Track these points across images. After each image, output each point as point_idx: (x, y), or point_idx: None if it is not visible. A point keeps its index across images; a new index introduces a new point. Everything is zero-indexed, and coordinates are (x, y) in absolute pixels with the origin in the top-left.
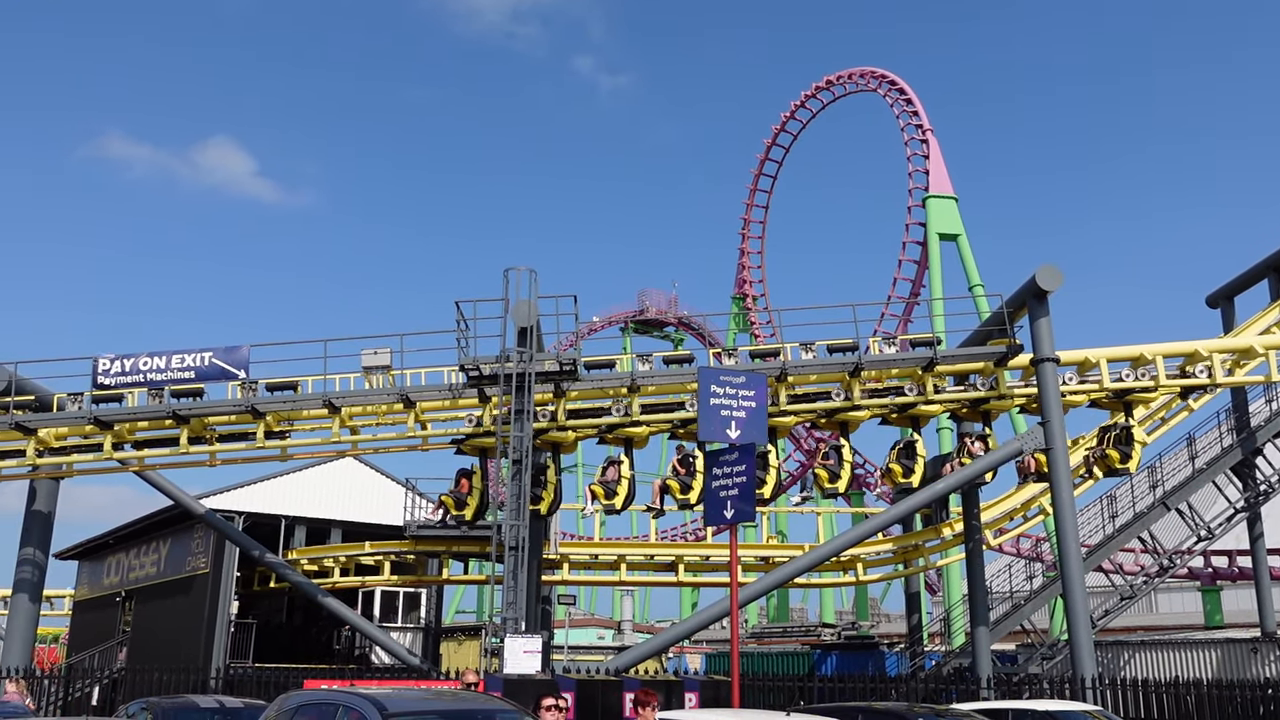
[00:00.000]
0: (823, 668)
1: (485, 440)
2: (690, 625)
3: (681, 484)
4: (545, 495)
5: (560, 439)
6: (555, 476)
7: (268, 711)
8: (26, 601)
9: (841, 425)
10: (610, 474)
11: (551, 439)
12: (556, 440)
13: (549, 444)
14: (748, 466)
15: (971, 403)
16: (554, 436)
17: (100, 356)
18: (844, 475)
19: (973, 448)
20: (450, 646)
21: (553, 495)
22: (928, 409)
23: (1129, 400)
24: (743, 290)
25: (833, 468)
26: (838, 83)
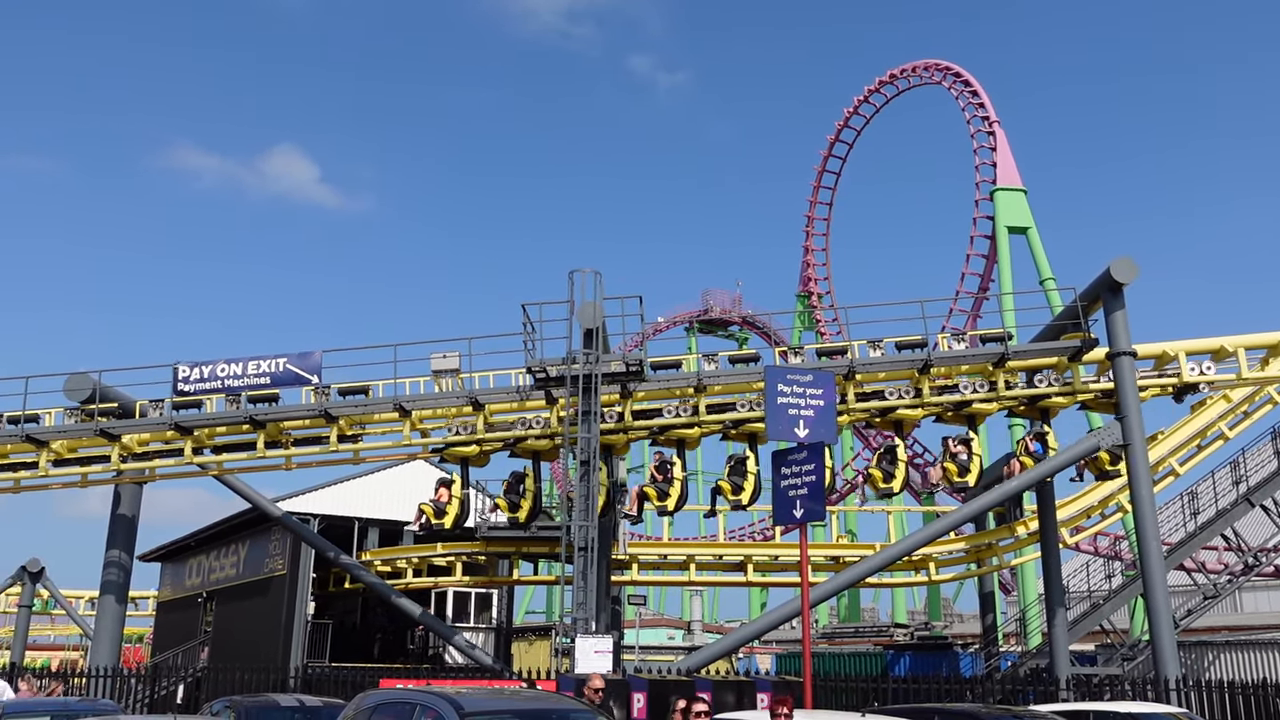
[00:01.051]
0: (896, 668)
1: (539, 443)
2: (760, 625)
3: (659, 490)
4: (672, 493)
5: (613, 441)
6: (608, 479)
7: (346, 710)
8: (113, 602)
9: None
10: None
11: (605, 441)
12: (609, 443)
13: (602, 446)
14: (817, 466)
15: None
16: (607, 439)
17: (180, 364)
18: (898, 475)
19: (954, 449)
20: (521, 646)
21: (605, 497)
22: (984, 407)
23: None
24: (808, 288)
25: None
26: (901, 76)
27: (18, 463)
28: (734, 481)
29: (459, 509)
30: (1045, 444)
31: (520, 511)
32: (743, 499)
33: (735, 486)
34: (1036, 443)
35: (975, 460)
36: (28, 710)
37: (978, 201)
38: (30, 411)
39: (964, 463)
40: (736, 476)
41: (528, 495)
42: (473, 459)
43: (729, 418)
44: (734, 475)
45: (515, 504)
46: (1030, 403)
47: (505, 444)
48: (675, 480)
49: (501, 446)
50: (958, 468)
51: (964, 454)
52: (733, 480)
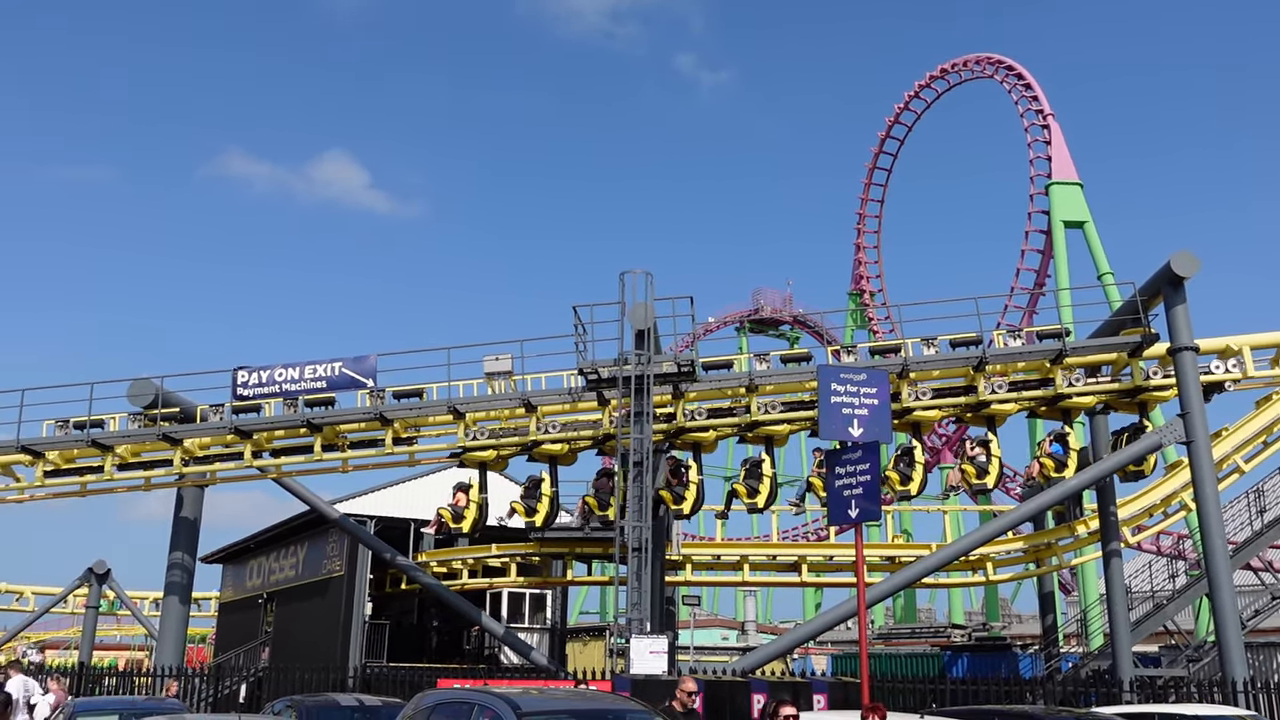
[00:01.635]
0: (953, 670)
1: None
2: (815, 626)
3: (675, 494)
4: (688, 496)
5: (700, 438)
6: (698, 476)
7: (405, 710)
8: (177, 603)
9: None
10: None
11: (692, 439)
12: (697, 440)
13: (689, 444)
14: (871, 465)
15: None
16: (694, 436)
17: (239, 369)
18: (916, 477)
19: (972, 451)
20: (575, 647)
21: (695, 495)
22: (1082, 400)
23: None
24: (859, 286)
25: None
26: (952, 71)
27: (84, 467)
28: (749, 484)
29: (477, 513)
30: (1066, 445)
31: (536, 516)
32: (759, 502)
33: (751, 489)
34: (1056, 444)
35: (994, 462)
36: (97, 709)
37: (1033, 196)
38: (95, 417)
39: (983, 464)
40: (752, 479)
41: (544, 499)
42: (491, 463)
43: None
44: (749, 478)
45: (531, 508)
46: (1050, 403)
47: (522, 448)
48: (765, 478)
49: (518, 451)
50: (976, 469)
51: (982, 456)
52: (748, 483)
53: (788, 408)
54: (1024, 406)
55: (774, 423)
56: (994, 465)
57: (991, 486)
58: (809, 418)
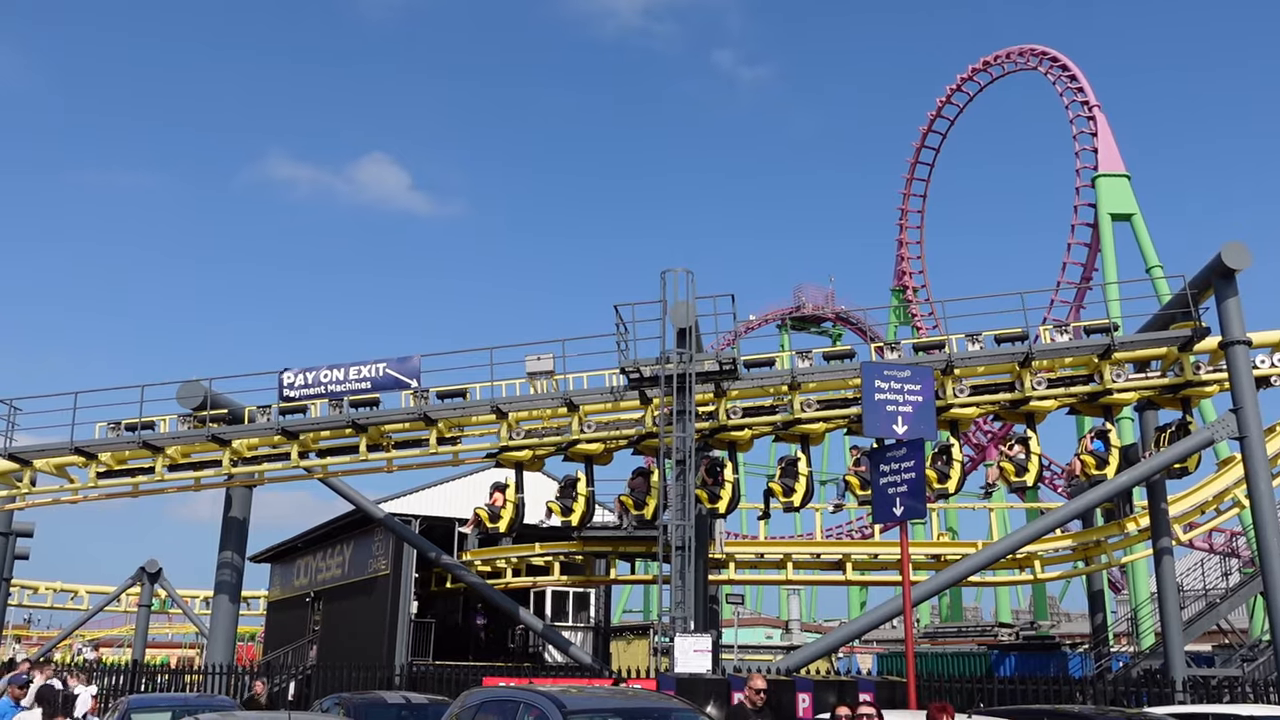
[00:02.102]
0: (1000, 669)
1: (589, 447)
2: (861, 625)
3: (710, 493)
4: (723, 494)
5: (736, 437)
6: (734, 475)
7: (452, 708)
8: (227, 602)
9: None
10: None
11: (727, 437)
12: (732, 439)
13: (725, 443)
14: (916, 462)
15: (1169, 388)
16: (730, 435)
17: (285, 370)
18: (954, 476)
19: (1009, 449)
20: (619, 645)
21: (731, 494)
22: (1122, 397)
23: None
24: (902, 282)
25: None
26: (995, 63)
27: (136, 468)
28: (785, 483)
29: (513, 513)
30: (1107, 442)
31: (572, 515)
32: (795, 501)
33: (787, 488)
34: (1097, 440)
35: (1034, 459)
36: (151, 705)
37: (1078, 189)
38: (146, 419)
39: (1021, 462)
40: (788, 478)
41: (580, 499)
42: (527, 463)
43: (853, 412)
44: (785, 477)
45: (567, 508)
46: (1091, 399)
47: (558, 448)
48: (801, 476)
49: (553, 451)
50: (1015, 467)
51: (1022, 453)
52: (784, 482)
53: (823, 406)
54: (1064, 403)
55: (810, 421)
56: (1033, 463)
57: (1030, 484)
58: (846, 415)
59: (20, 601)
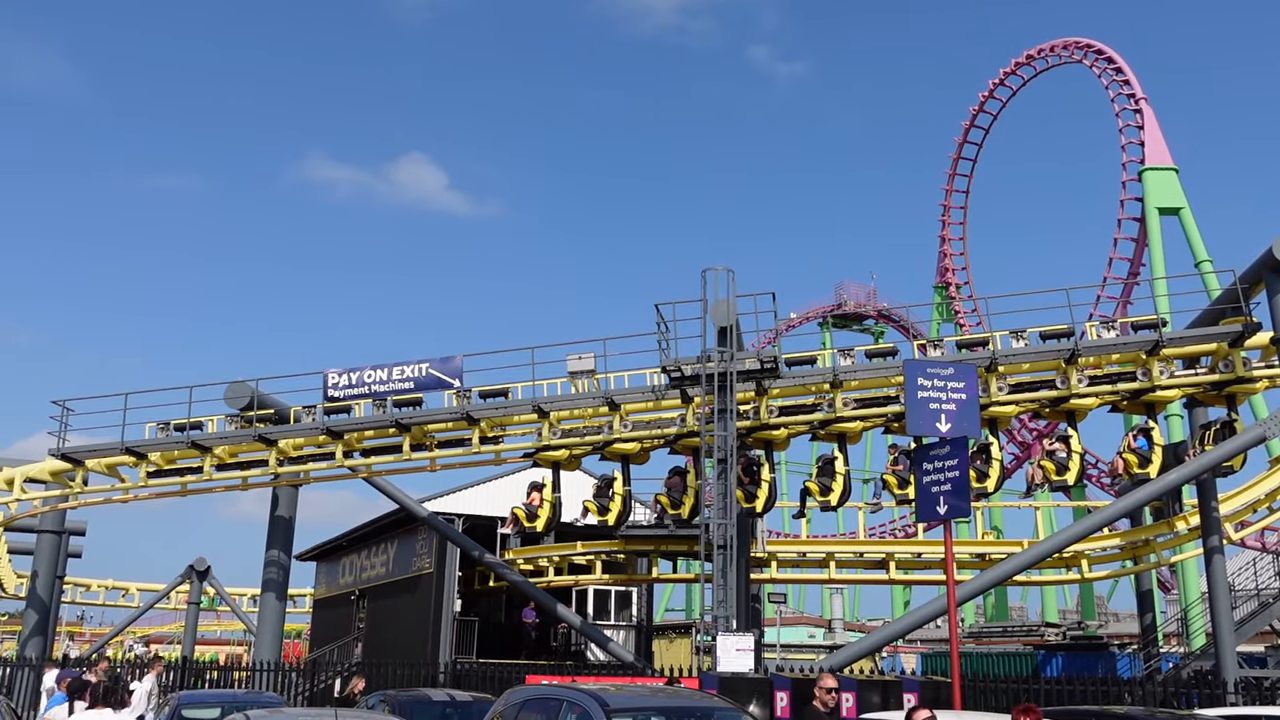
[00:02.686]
0: (1047, 669)
1: (625, 446)
2: (904, 624)
3: (747, 493)
4: (760, 494)
5: (772, 436)
6: (770, 474)
7: (495, 706)
8: (274, 600)
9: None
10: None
11: (764, 436)
12: (769, 438)
13: (761, 442)
14: (960, 460)
15: (1214, 385)
16: (766, 434)
17: (330, 371)
18: (1073, 467)
19: (1050, 447)
20: (661, 644)
21: (767, 493)
22: (1165, 394)
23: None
24: (945, 279)
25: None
26: (1039, 56)
27: (185, 467)
28: (822, 482)
29: (550, 512)
30: (1150, 440)
31: (609, 515)
32: (831, 500)
33: (823, 487)
34: (1141, 438)
35: (1075, 458)
36: (201, 701)
37: (1125, 183)
38: (195, 419)
39: (1062, 460)
40: (825, 477)
41: (616, 499)
42: (563, 463)
43: (890, 410)
44: (822, 476)
45: (604, 507)
46: (1133, 396)
47: (594, 448)
48: (838, 475)
49: (590, 450)
50: (1056, 466)
51: (1062, 452)
52: (821, 481)
53: (860, 404)
54: (1105, 400)
55: (848, 419)
56: (1074, 462)
57: (1072, 483)
58: (883, 414)
59: (74, 599)
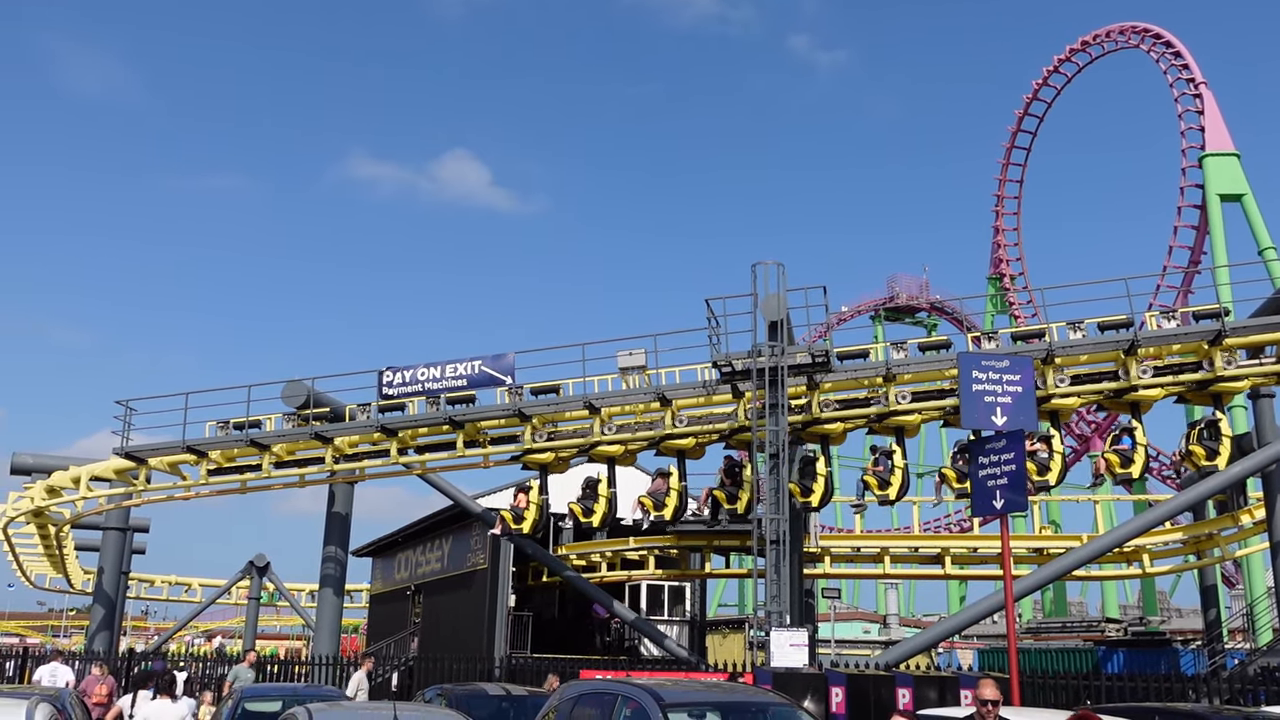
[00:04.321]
0: (1108, 666)
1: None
2: (961, 620)
3: (803, 487)
4: (816, 488)
5: (828, 430)
6: (826, 469)
7: (551, 700)
8: (332, 595)
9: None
10: (881, 465)
11: (820, 430)
12: (825, 432)
13: (817, 436)
14: (1017, 454)
15: (1197, 385)
16: (823, 429)
17: (384, 369)
18: (1138, 460)
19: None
20: (715, 640)
21: (824, 488)
22: (1231, 385)
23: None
24: (999, 270)
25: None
26: (1094, 42)
27: (244, 465)
28: (880, 476)
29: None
30: (1218, 432)
31: (665, 510)
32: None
33: (882, 480)
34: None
35: (1140, 450)
36: (263, 695)
37: (1185, 169)
38: (253, 418)
39: (1127, 453)
40: (883, 470)
41: (672, 493)
42: (618, 458)
43: (949, 404)
44: (880, 469)
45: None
46: (1200, 386)
47: (650, 443)
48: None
49: (645, 446)
50: (1120, 459)
51: (1127, 444)
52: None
53: (917, 397)
54: (1171, 391)
55: (905, 413)
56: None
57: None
58: (940, 407)
59: (138, 594)
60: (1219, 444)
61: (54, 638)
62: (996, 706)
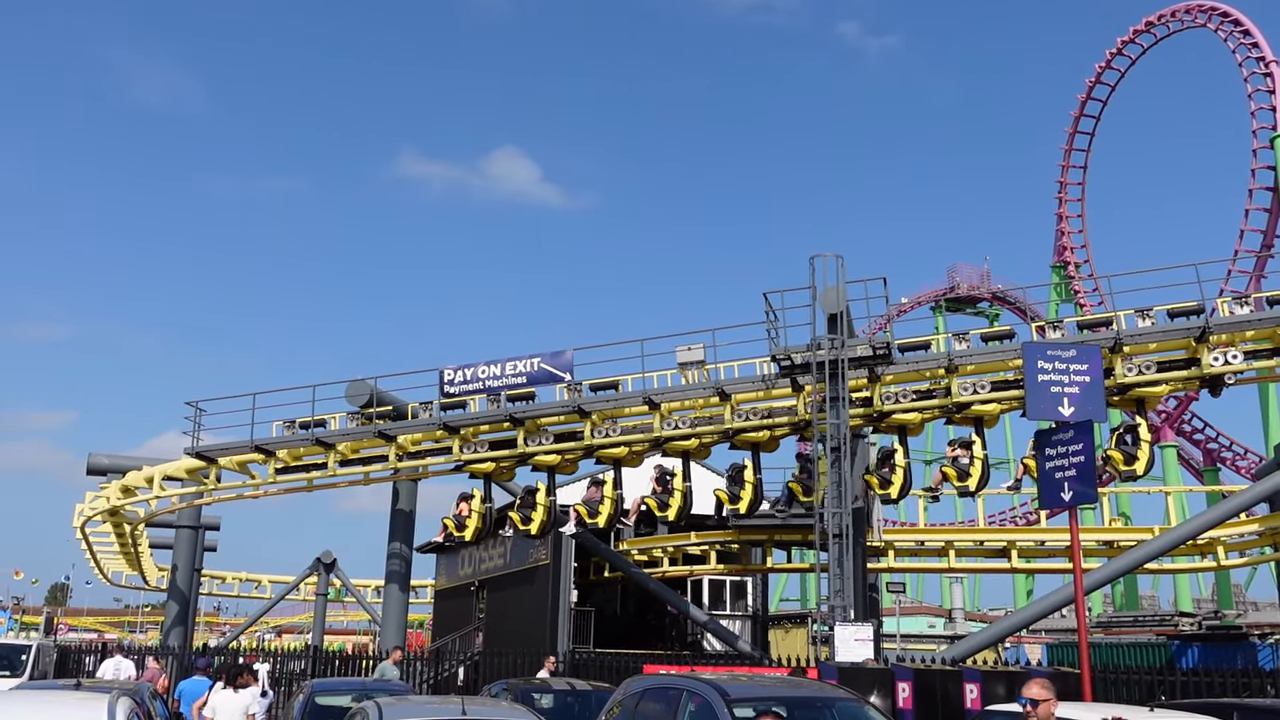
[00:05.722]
0: (1182, 660)
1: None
2: (1029, 614)
3: (882, 479)
4: (895, 480)
5: (906, 421)
6: (904, 460)
7: (615, 695)
8: (397, 591)
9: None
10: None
11: (897, 421)
12: (902, 422)
13: (894, 427)
14: (1085, 445)
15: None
16: (900, 419)
17: (445, 367)
18: (1142, 457)
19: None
20: (777, 634)
21: (903, 479)
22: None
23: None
24: (1063, 258)
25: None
26: (1159, 23)
27: (310, 464)
28: (959, 467)
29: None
30: (1138, 437)
31: (740, 503)
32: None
33: (961, 471)
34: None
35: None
36: (333, 689)
37: (1255, 151)
38: (318, 417)
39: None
40: (962, 461)
41: (748, 486)
42: (694, 451)
43: (1014, 395)
44: (959, 460)
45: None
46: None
47: (723, 435)
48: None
49: (719, 439)
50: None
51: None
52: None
53: (995, 387)
54: (1266, 377)
55: (982, 402)
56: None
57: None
58: (1018, 396)
59: (210, 591)
60: (1137, 449)
61: (130, 633)
62: (1038, 707)
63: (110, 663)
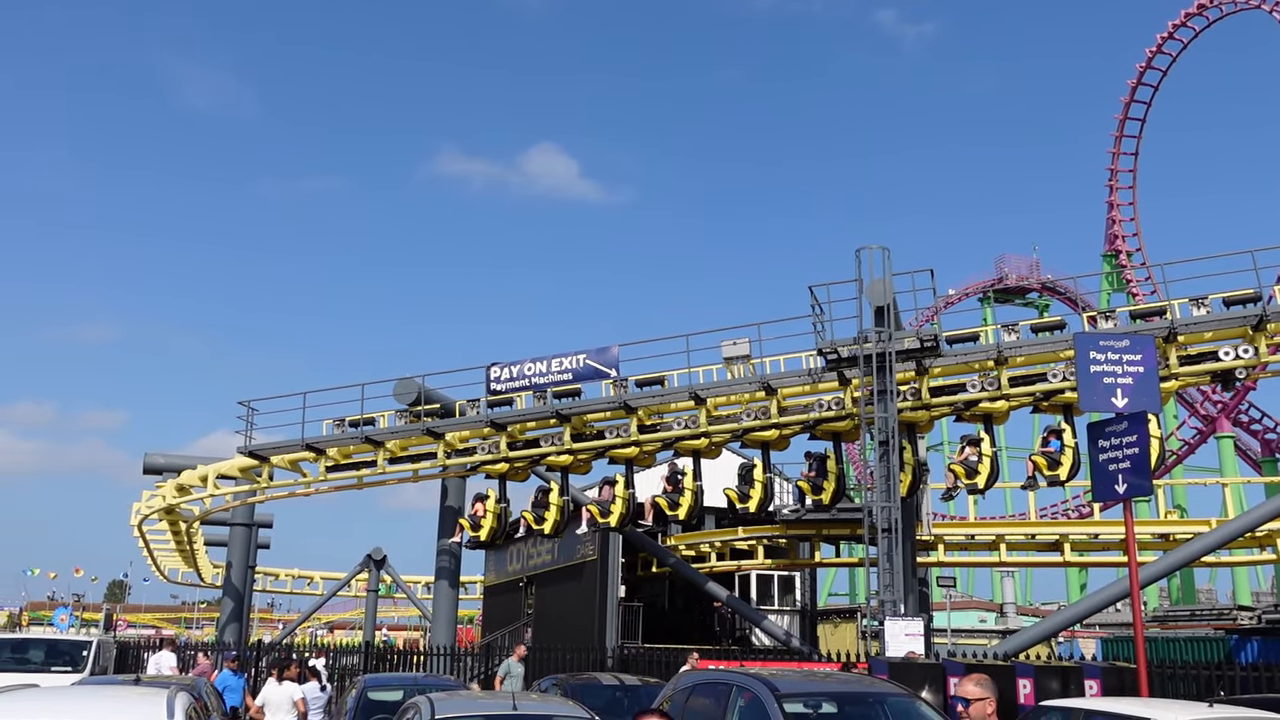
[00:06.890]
0: (1241, 655)
1: (839, 425)
2: (1082, 608)
3: (967, 468)
4: (981, 469)
5: (914, 419)
6: (913, 457)
7: (666, 690)
8: (447, 587)
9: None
10: (969, 453)
11: (905, 419)
12: (911, 420)
13: (903, 424)
14: (1140, 436)
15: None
16: (908, 417)
17: (492, 365)
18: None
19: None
20: (826, 629)
21: (911, 476)
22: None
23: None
24: (1114, 247)
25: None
26: (1211, 4)
27: (360, 461)
28: (1049, 456)
29: (494, 522)
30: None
31: (823, 494)
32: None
33: (1051, 461)
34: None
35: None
36: (385, 684)
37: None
38: (367, 415)
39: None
40: (1052, 451)
41: (830, 477)
42: (773, 443)
43: (1039, 389)
44: (1049, 449)
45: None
46: None
47: (804, 426)
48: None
49: (800, 429)
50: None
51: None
52: (1047, 454)
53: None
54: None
55: (1072, 389)
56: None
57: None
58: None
59: (264, 587)
60: (1062, 454)
61: (187, 629)
62: (971, 706)
63: (154, 657)
